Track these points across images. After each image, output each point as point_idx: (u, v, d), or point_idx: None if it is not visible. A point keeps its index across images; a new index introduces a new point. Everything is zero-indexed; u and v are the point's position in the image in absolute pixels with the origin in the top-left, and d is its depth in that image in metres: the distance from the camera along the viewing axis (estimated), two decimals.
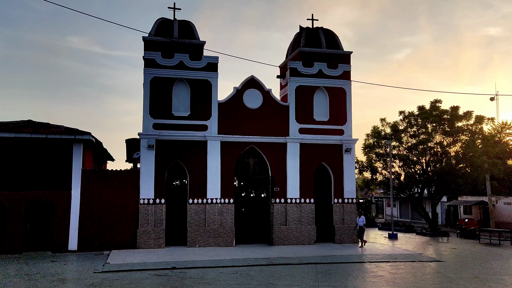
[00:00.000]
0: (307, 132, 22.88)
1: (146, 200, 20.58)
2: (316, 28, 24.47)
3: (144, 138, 20.79)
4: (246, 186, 22.87)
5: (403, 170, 31.40)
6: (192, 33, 22.28)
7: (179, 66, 21.60)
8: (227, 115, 22.05)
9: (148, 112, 21.08)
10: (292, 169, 22.42)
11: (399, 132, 30.80)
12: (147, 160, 20.75)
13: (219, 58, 22.09)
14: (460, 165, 29.43)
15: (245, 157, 22.57)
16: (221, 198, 21.49)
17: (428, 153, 29.80)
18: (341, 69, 23.61)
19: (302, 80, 23.10)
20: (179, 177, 21.76)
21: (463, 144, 29.24)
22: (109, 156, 28.09)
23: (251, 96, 22.46)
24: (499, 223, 35.41)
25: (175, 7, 22.69)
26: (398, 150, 30.90)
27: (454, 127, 29.40)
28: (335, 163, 23.12)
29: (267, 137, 22.27)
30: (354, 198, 23.31)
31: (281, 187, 22.34)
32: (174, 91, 21.62)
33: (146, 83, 21.29)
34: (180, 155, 21.28)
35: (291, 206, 22.29)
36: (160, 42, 21.49)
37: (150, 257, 17.77)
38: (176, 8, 22.68)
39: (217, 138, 21.59)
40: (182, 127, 21.47)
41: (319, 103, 23.33)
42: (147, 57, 21.37)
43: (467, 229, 29.07)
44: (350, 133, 23.41)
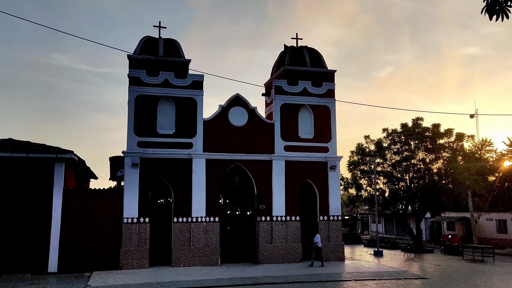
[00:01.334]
0: (292, 149, 22.79)
1: (130, 219, 20.10)
2: (300, 47, 24.62)
3: (128, 156, 20.42)
4: (232, 204, 22.56)
5: (387, 186, 31.51)
6: (178, 51, 22.18)
7: (164, 84, 21.42)
8: (213, 132, 21.85)
9: (133, 130, 20.76)
10: (277, 186, 22.23)
11: (383, 149, 30.99)
12: (131, 178, 20.34)
13: (204, 76, 22.01)
14: (443, 181, 29.65)
15: (230, 175, 22.31)
16: (206, 216, 21.12)
17: (411, 169, 30.00)
18: (325, 87, 23.70)
19: (287, 98, 23.10)
20: (163, 195, 21.36)
21: (445, 161, 29.53)
22: (92, 174, 27.51)
23: (236, 113, 22.34)
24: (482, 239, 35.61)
25: (160, 26, 22.63)
26: (382, 167, 31.04)
27: (436, 144, 29.72)
28: (320, 180, 23.01)
29: (252, 155, 22.10)
30: (339, 215, 23.15)
31: (266, 205, 22.09)
32: (159, 109, 21.38)
33: (130, 101, 21.02)
34: (164, 173, 20.94)
35: (277, 224, 22.03)
36: (145, 60, 21.31)
37: (133, 278, 17.22)
38: (162, 27, 22.61)
39: (202, 155, 21.35)
40: (167, 145, 21.17)
41: (304, 120, 23.32)
42: (132, 75, 21.15)
43: (450, 245, 29.12)
44: (335, 150, 23.39)
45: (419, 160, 29.97)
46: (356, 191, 32.04)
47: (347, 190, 33.04)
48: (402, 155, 29.99)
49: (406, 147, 30.18)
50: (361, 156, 31.42)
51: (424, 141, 29.93)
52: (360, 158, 31.50)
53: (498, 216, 35.61)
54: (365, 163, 31.32)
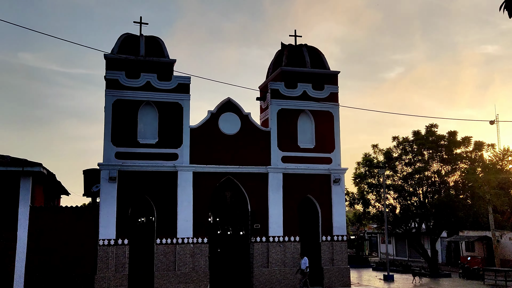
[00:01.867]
0: (290, 160, 22.91)
1: (107, 240, 20.04)
2: (299, 46, 24.87)
3: (104, 169, 20.42)
4: (223, 223, 22.57)
5: (398, 202, 31.65)
6: (161, 50, 22.33)
7: (145, 87, 21.52)
8: (201, 142, 21.93)
9: (110, 139, 20.78)
10: (274, 202, 22.30)
11: (393, 160, 31.19)
12: (108, 194, 20.32)
13: (191, 78, 22.15)
14: (460, 196, 29.87)
15: (221, 190, 22.36)
16: (193, 237, 21.11)
17: (425, 183, 30.19)
18: (327, 90, 23.93)
19: (284, 103, 23.28)
20: (145, 213, 21.33)
21: (462, 173, 29.76)
22: (63, 190, 27.43)
23: (227, 120, 22.46)
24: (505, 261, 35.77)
25: (142, 22, 22.79)
26: (392, 180, 31.22)
27: (452, 154, 29.97)
28: (323, 195, 23.12)
29: (246, 167, 22.17)
30: (344, 235, 23.24)
31: (262, 224, 22.13)
32: (140, 115, 21.45)
33: (108, 106, 21.07)
34: (146, 188, 20.95)
35: (274, 246, 22.05)
36: (124, 60, 21.42)
37: None
38: (143, 23, 22.77)
39: (189, 168, 21.40)
40: (148, 156, 21.21)
41: (303, 128, 23.48)
42: (109, 77, 21.23)
43: (470, 268, 29.24)
44: (339, 161, 23.54)
45: (433, 172, 30.18)
46: (363, 208, 32.15)
47: (353, 206, 33.15)
48: (415, 167, 30.19)
49: (419, 157, 30.39)
50: (369, 168, 31.58)
51: (439, 150, 30.18)
52: (367, 170, 31.65)
53: None
54: (373, 176, 31.47)
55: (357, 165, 32.59)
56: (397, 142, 31.54)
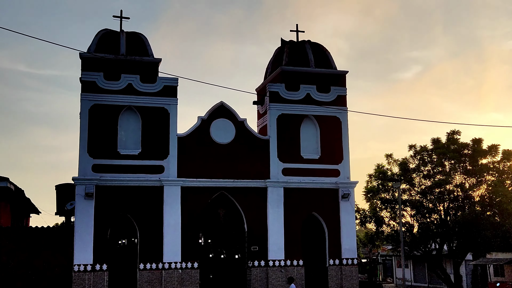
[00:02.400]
0: (293, 173, 22.90)
1: (82, 266, 19.93)
2: (302, 42, 24.98)
3: (80, 184, 20.37)
4: (215, 245, 22.54)
5: (416, 220, 31.61)
6: (144, 48, 22.40)
7: (127, 90, 21.54)
8: (190, 152, 21.93)
9: (86, 149, 20.77)
10: (274, 221, 22.25)
11: (410, 171, 31.19)
12: (84, 212, 20.25)
13: (179, 80, 22.18)
14: (487, 212, 29.83)
15: (213, 207, 22.33)
16: (182, 261, 21.04)
17: (446, 198, 30.17)
18: (334, 93, 23.98)
19: (285, 107, 23.31)
20: (126, 234, 21.28)
21: (489, 186, 29.76)
22: (33, 208, 27.40)
23: (220, 127, 22.47)
24: None
25: (122, 16, 22.86)
26: (409, 194, 31.20)
27: (477, 165, 29.98)
28: (330, 212, 23.08)
29: (241, 181, 22.15)
30: (354, 258, 23.19)
31: (260, 246, 22.07)
32: (120, 122, 21.46)
33: (84, 111, 21.10)
34: (128, 205, 20.90)
35: (274, 271, 21.97)
36: (103, 60, 21.46)
37: None
38: (124, 17, 22.86)
39: (176, 182, 21.37)
40: (130, 169, 21.19)
41: (307, 136, 23.50)
42: (86, 79, 21.27)
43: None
44: (348, 174, 23.54)
45: (456, 185, 30.18)
46: (376, 227, 32.11)
47: (365, 225, 33.09)
48: (434, 179, 30.18)
49: (439, 169, 30.40)
50: (382, 181, 31.59)
51: (462, 161, 30.21)
52: (381, 184, 31.66)
53: None
54: (387, 190, 31.47)
55: (368, 178, 32.58)
56: (414, 151, 31.55)
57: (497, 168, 30.27)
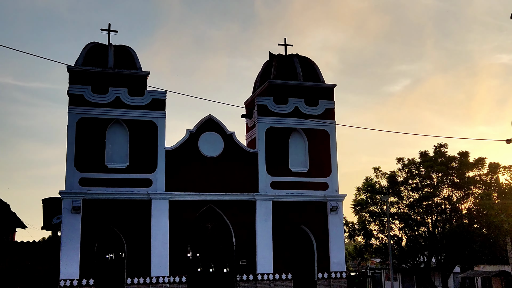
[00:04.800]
0: (281, 186, 22.92)
1: (69, 281, 19.74)
2: (290, 55, 25.14)
3: (67, 198, 20.24)
4: (204, 259, 22.47)
5: (404, 233, 31.68)
6: (132, 61, 22.42)
7: (114, 104, 21.52)
8: (178, 166, 21.89)
9: (73, 163, 20.68)
10: (263, 235, 22.22)
11: (398, 184, 31.31)
12: (71, 226, 20.10)
13: (167, 93, 22.20)
14: (475, 225, 30.00)
15: (201, 221, 22.27)
16: (170, 275, 20.92)
17: (434, 210, 30.30)
18: (322, 106, 24.12)
19: (273, 121, 23.39)
20: (114, 249, 21.15)
21: (476, 199, 29.95)
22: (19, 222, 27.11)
23: (209, 141, 22.49)
24: None
25: (110, 29, 22.89)
26: (397, 207, 31.28)
27: (465, 177, 30.17)
28: (318, 226, 23.10)
29: (230, 194, 22.14)
30: (343, 271, 23.20)
31: (249, 259, 22.01)
32: (108, 136, 21.40)
33: (71, 125, 21.02)
34: (115, 219, 20.79)
35: (263, 285, 21.90)
36: (91, 73, 21.44)
37: None
38: (112, 31, 22.89)
39: (164, 196, 21.30)
40: (118, 182, 21.10)
41: (296, 149, 23.57)
42: (73, 92, 21.23)
43: None
44: (337, 187, 23.61)
45: (443, 198, 30.32)
46: (365, 240, 32.11)
47: (353, 238, 33.09)
48: (422, 192, 30.31)
49: (427, 181, 30.55)
50: (370, 194, 31.66)
51: (449, 174, 30.38)
52: (369, 197, 31.72)
53: None
54: (375, 203, 31.54)
55: (357, 191, 32.62)
56: (402, 164, 31.69)
57: (484, 180, 30.47)
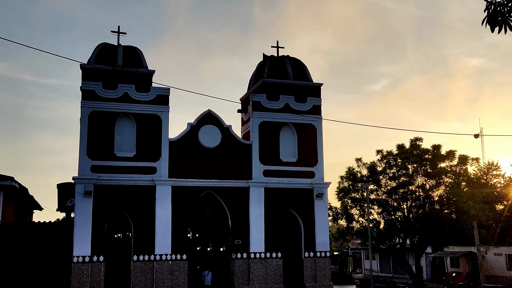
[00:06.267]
0: (272, 174, 23.02)
1: (81, 257, 19.79)
2: (282, 57, 25.16)
3: (79, 183, 20.25)
4: (202, 239, 22.54)
5: (382, 217, 31.89)
6: (139, 60, 22.37)
7: (123, 99, 21.49)
8: (180, 155, 21.93)
9: (86, 152, 20.66)
10: (256, 218, 22.34)
11: (377, 174, 31.48)
12: (83, 209, 20.13)
13: (170, 90, 22.20)
14: (445, 211, 30.26)
15: (201, 205, 22.34)
16: (172, 253, 21.00)
17: (409, 197, 30.52)
18: (310, 103, 24.19)
19: (266, 115, 23.46)
20: (122, 229, 21.19)
21: (447, 187, 30.18)
22: (36, 204, 27.10)
23: (208, 133, 22.52)
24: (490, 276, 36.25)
25: (120, 31, 22.82)
26: (376, 194, 31.47)
27: (437, 168, 30.39)
28: (305, 210, 23.24)
29: (226, 181, 22.21)
30: (327, 251, 23.37)
31: (243, 239, 22.12)
32: (117, 128, 21.39)
33: (83, 117, 20.99)
34: (123, 202, 20.82)
35: (255, 262, 22.04)
36: (101, 70, 21.40)
37: None
38: (121, 33, 22.82)
39: (167, 182, 21.35)
40: (126, 169, 21.12)
41: (286, 141, 23.66)
42: (86, 87, 21.18)
43: (455, 284, 29.61)
44: (322, 175, 23.74)
45: (418, 186, 30.53)
46: (347, 223, 32.29)
47: (337, 221, 33.26)
48: (399, 181, 30.50)
49: (403, 171, 30.73)
50: (352, 182, 31.81)
51: (423, 164, 30.56)
52: (351, 185, 31.87)
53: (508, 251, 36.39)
54: (356, 190, 31.70)
55: (340, 179, 32.77)
56: (381, 155, 31.85)
57: (454, 171, 30.70)
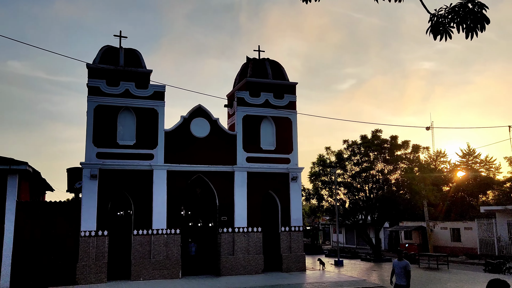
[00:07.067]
0: (254, 160, 23.09)
1: (88, 232, 19.69)
2: (262, 59, 25.12)
3: (86, 168, 20.07)
4: (194, 216, 22.56)
5: (348, 197, 32.31)
6: (139, 61, 22.12)
7: (124, 95, 21.27)
8: (174, 144, 21.85)
9: (92, 140, 20.45)
10: (239, 198, 22.42)
11: (344, 160, 31.82)
12: (90, 190, 19.98)
13: (166, 87, 22.03)
14: (401, 191, 30.77)
15: (192, 186, 22.34)
16: (167, 228, 20.99)
17: (370, 180, 30.94)
18: (287, 99, 24.24)
19: (249, 110, 23.45)
20: (123, 207, 21.09)
21: (402, 172, 30.67)
22: (48, 186, 26.75)
23: (198, 125, 22.44)
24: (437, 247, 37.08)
25: (121, 35, 22.49)
26: (343, 177, 31.84)
27: (394, 155, 30.83)
28: (282, 191, 23.40)
29: (214, 166, 22.23)
30: (300, 226, 23.58)
31: (228, 216, 22.21)
32: (119, 120, 21.19)
33: (89, 111, 20.73)
34: (125, 184, 20.70)
35: (239, 236, 22.17)
36: (105, 69, 21.12)
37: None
38: (122, 36, 22.49)
39: (163, 167, 21.28)
40: (127, 156, 20.97)
41: (266, 132, 23.71)
42: (91, 84, 20.90)
43: (407, 253, 30.18)
44: (296, 161, 23.89)
45: (378, 171, 30.96)
46: (318, 202, 32.64)
47: (309, 201, 33.61)
48: (362, 166, 30.89)
49: (366, 158, 31.11)
50: (322, 167, 32.11)
51: (382, 152, 30.98)
52: (321, 169, 32.17)
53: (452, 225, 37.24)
54: (326, 174, 32.02)
55: (312, 165, 33.08)
56: (347, 144, 32.18)
57: (408, 158, 31.19)
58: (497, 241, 32.09)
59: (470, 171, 43.70)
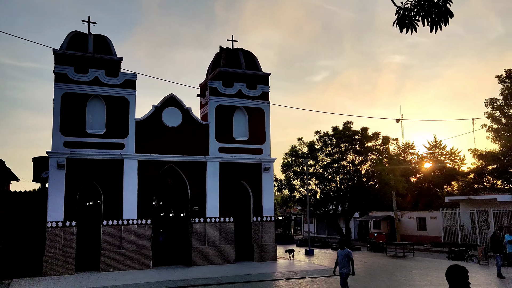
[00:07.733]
0: (227, 151, 22.89)
1: (55, 223, 19.07)
2: (236, 49, 24.82)
3: (53, 157, 19.40)
4: (165, 206, 22.25)
5: (319, 187, 32.51)
6: (109, 48, 21.46)
7: (94, 82, 20.62)
8: (145, 133, 21.39)
9: (59, 129, 19.76)
10: (212, 188, 22.22)
11: (315, 151, 31.95)
12: (57, 180, 19.34)
13: (137, 76, 21.48)
14: (370, 182, 31.20)
15: (164, 177, 21.98)
16: (138, 219, 20.60)
17: (341, 171, 31.21)
18: (260, 89, 24.09)
19: (222, 100, 23.18)
20: (93, 197, 20.56)
21: (372, 163, 31.07)
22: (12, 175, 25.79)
23: (170, 114, 22.03)
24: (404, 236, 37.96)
25: (90, 21, 21.75)
26: (314, 168, 31.99)
27: (364, 147, 31.16)
28: (254, 181, 23.32)
29: (186, 156, 21.90)
30: (272, 216, 23.61)
31: (200, 206, 21.99)
32: (88, 108, 20.54)
33: (56, 98, 19.99)
34: (94, 174, 20.15)
35: (211, 226, 22.01)
36: (73, 56, 20.38)
37: (56, 285, 16.38)
38: (91, 22, 21.75)
39: (134, 157, 20.81)
40: (96, 145, 20.39)
41: (238, 122, 23.52)
42: (58, 71, 20.15)
43: (376, 242, 30.75)
44: (269, 152, 23.83)
45: (348, 162, 31.23)
46: (290, 192, 32.73)
47: (281, 191, 33.67)
48: (333, 157, 31.10)
49: (337, 149, 31.32)
50: (294, 158, 32.16)
51: (353, 144, 31.25)
52: (293, 160, 32.22)
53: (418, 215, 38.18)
54: (298, 165, 32.10)
55: (284, 156, 33.09)
56: (319, 136, 32.30)
57: (378, 149, 31.59)
58: (460, 230, 33.11)
59: (436, 162, 44.81)
